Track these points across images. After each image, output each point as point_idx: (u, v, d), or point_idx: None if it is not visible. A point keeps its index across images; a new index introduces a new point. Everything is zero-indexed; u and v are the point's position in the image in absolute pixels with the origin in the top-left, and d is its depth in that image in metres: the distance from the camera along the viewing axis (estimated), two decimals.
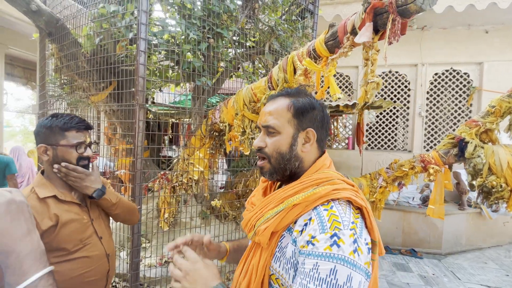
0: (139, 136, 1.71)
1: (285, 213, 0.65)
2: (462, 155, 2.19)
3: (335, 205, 0.63)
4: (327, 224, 0.59)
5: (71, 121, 1.03)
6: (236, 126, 1.70)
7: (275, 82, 1.50)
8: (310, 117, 0.71)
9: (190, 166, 2.10)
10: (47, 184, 1.02)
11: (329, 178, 0.67)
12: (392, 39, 0.74)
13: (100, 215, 1.14)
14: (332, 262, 0.56)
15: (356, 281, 0.56)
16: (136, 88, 1.69)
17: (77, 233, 1.02)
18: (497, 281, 3.35)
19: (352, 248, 0.57)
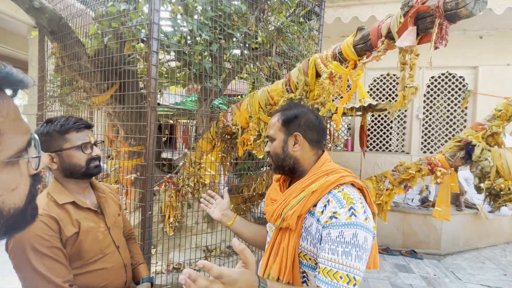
0: (151, 140, 1.65)
1: (307, 199, 0.83)
2: (469, 158, 2.22)
3: (345, 187, 0.81)
4: (344, 201, 0.78)
5: (68, 122, 0.97)
6: (251, 129, 1.66)
7: (294, 85, 1.48)
8: (295, 124, 0.91)
9: (201, 170, 2.05)
10: (63, 190, 0.97)
11: (335, 168, 0.87)
12: (439, 43, 0.73)
13: (115, 223, 1.09)
14: (353, 228, 0.74)
15: (369, 241, 0.76)
16: (147, 89, 1.63)
17: (97, 242, 0.98)
18: (496, 280, 3.42)
19: (364, 216, 0.76)
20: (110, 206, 1.10)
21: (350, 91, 1.15)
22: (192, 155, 2.16)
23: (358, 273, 0.72)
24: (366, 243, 0.74)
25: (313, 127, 0.92)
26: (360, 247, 0.73)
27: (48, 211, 0.89)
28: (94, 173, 1.02)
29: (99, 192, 1.09)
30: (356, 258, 0.72)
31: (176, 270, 2.12)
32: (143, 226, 1.66)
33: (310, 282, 0.83)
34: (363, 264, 0.73)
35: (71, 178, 0.99)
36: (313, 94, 1.36)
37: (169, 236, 2.35)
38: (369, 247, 0.75)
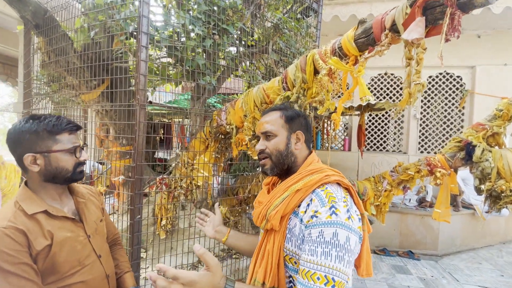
0: (139, 139, 1.56)
1: (290, 198, 0.81)
2: (470, 158, 2.17)
3: (329, 186, 0.79)
4: (325, 200, 0.75)
5: (60, 122, 0.88)
6: (246, 128, 1.58)
7: (291, 82, 1.40)
8: (297, 123, 0.92)
9: (193, 171, 1.97)
10: (34, 197, 0.87)
11: (320, 168, 0.86)
12: (451, 35, 0.66)
13: (96, 230, 0.99)
14: (333, 227, 0.71)
15: (352, 241, 0.72)
16: (136, 86, 1.54)
17: (74, 253, 0.88)
18: (493, 281, 3.40)
19: (346, 215, 0.73)
20: (91, 212, 1.00)
21: (351, 88, 1.07)
22: (185, 156, 2.08)
23: (338, 274, 0.68)
24: (349, 243, 0.70)
25: (309, 128, 0.95)
26: (341, 247, 0.69)
27: (14, 223, 0.79)
28: (78, 179, 0.94)
29: (78, 196, 0.99)
30: (336, 258, 0.69)
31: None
32: (132, 230, 1.58)
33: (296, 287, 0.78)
34: (345, 265, 0.69)
35: (50, 183, 0.90)
36: (311, 92, 1.29)
37: (161, 240, 2.26)
38: (353, 248, 0.71)
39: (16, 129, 0.86)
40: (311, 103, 1.30)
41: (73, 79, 2.29)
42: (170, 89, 3.14)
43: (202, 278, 0.66)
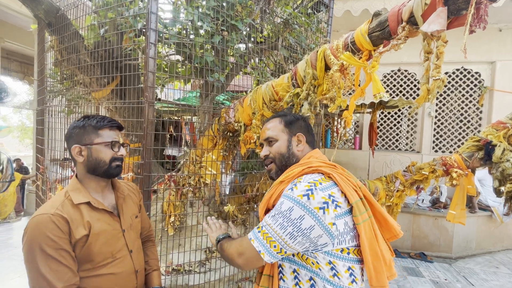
0: (148, 137, 1.56)
1: (274, 190, 0.88)
2: (489, 159, 2.06)
3: (306, 175, 0.84)
4: (294, 182, 0.83)
5: (103, 119, 0.99)
6: (255, 126, 1.56)
7: (300, 79, 1.36)
8: (297, 125, 0.98)
9: (202, 169, 1.96)
10: (81, 188, 0.95)
11: (308, 162, 0.89)
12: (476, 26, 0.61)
13: (131, 226, 1.03)
14: (283, 198, 0.80)
15: (297, 214, 0.76)
16: (145, 84, 1.54)
17: (108, 245, 0.94)
18: (511, 287, 3.26)
19: (303, 193, 0.77)
20: (128, 207, 1.05)
21: (364, 85, 1.03)
22: (193, 153, 2.07)
23: (266, 227, 0.80)
24: (289, 213, 0.76)
25: (310, 130, 1.00)
26: (280, 213, 0.78)
27: (61, 211, 0.87)
28: (115, 174, 1.00)
29: (119, 192, 1.05)
30: (272, 217, 0.79)
31: (176, 272, 2.06)
32: None
33: (286, 277, 0.85)
34: (277, 225, 0.77)
35: (93, 175, 0.97)
36: (322, 88, 1.24)
37: (170, 236, 2.28)
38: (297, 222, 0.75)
39: (70, 126, 0.99)
40: (322, 100, 1.26)
41: (84, 77, 2.32)
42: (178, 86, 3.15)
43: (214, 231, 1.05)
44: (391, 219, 0.85)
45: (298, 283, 0.82)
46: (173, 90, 3.65)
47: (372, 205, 0.84)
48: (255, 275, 0.99)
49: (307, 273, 0.81)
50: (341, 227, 0.77)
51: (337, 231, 0.76)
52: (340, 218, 0.77)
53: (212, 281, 2.00)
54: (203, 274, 2.03)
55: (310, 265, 0.80)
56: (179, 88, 3.15)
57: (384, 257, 0.78)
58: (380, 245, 0.78)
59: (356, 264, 0.80)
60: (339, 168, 0.88)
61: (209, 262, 2.21)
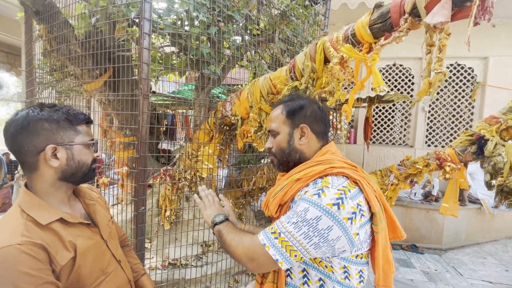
0: (143, 130, 1.53)
1: (289, 186, 0.81)
2: (481, 153, 2.10)
3: (331, 177, 0.76)
4: (319, 185, 0.75)
5: (76, 112, 0.80)
6: (252, 120, 1.54)
7: (299, 72, 1.34)
8: (301, 115, 0.86)
9: (198, 163, 1.94)
10: (42, 203, 0.74)
11: (329, 159, 0.81)
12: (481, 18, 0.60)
13: (110, 234, 0.90)
14: (307, 204, 0.72)
15: (325, 224, 0.69)
16: (139, 75, 1.50)
17: (97, 262, 0.79)
18: (498, 276, 3.38)
19: (332, 201, 0.70)
20: (101, 214, 0.90)
21: (364, 78, 1.02)
22: (189, 147, 2.05)
23: (286, 234, 0.72)
24: (316, 222, 0.69)
25: (319, 118, 0.88)
26: (304, 220, 0.70)
27: (30, 237, 0.67)
28: (92, 177, 0.86)
29: (86, 198, 0.89)
30: (294, 224, 0.71)
31: (173, 266, 2.05)
32: (136, 222, 1.57)
33: (293, 275, 0.82)
34: (300, 233, 0.70)
35: (65, 182, 0.79)
36: (321, 82, 1.23)
37: (166, 231, 2.27)
38: (324, 232, 0.69)
39: (29, 117, 0.72)
40: (321, 94, 1.25)
41: (75, 68, 2.25)
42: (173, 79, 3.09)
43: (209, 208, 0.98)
44: (397, 221, 0.83)
45: (307, 282, 0.79)
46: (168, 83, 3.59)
47: (385, 209, 0.81)
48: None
49: (317, 274, 0.78)
50: (362, 236, 0.74)
51: (359, 240, 0.73)
52: (362, 228, 0.74)
53: (209, 275, 2.01)
54: (199, 267, 2.04)
55: (322, 268, 0.77)
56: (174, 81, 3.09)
57: (391, 259, 0.79)
58: (390, 248, 0.79)
59: (365, 266, 0.80)
60: (359, 170, 0.81)
61: (205, 256, 2.21)
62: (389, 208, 0.81)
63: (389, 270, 0.78)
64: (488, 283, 3.23)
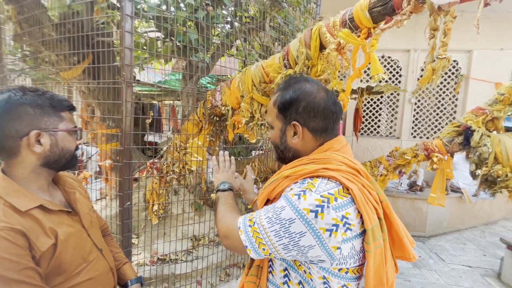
0: (127, 121, 1.43)
1: (277, 182, 0.76)
2: (468, 143, 2.14)
3: (321, 180, 0.68)
4: (304, 185, 0.67)
5: (61, 99, 0.79)
6: (244, 110, 1.47)
7: (293, 59, 1.28)
8: (293, 110, 0.75)
9: (186, 155, 1.86)
10: (20, 190, 0.73)
11: (326, 158, 0.72)
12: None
13: (92, 222, 0.89)
14: (286, 203, 0.66)
15: (297, 229, 0.63)
16: (121, 61, 1.39)
17: (79, 250, 0.79)
18: (477, 261, 3.56)
19: (311, 208, 0.63)
20: (81, 203, 0.89)
21: (362, 65, 0.98)
22: (177, 139, 1.96)
23: (258, 226, 0.68)
24: (289, 225, 0.64)
25: (317, 113, 0.74)
26: (278, 218, 0.66)
27: (9, 223, 0.66)
28: (75, 165, 0.84)
29: (66, 186, 0.87)
30: (268, 219, 0.67)
31: (162, 262, 1.99)
32: (122, 218, 1.49)
33: (275, 272, 0.78)
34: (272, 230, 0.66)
35: (46, 169, 0.78)
36: (316, 69, 1.18)
37: (153, 226, 2.19)
38: (296, 238, 0.64)
39: (12, 101, 0.70)
40: None
41: (50, 54, 2.08)
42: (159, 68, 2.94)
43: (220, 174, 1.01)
44: (407, 241, 0.72)
45: (287, 282, 0.75)
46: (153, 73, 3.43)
47: (391, 223, 0.71)
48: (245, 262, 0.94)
49: (297, 277, 0.73)
50: (346, 251, 0.65)
51: (340, 254, 0.65)
52: (347, 242, 0.65)
53: (199, 269, 1.97)
54: (189, 262, 1.99)
55: (302, 272, 0.72)
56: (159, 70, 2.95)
57: (388, 280, 0.69)
58: (388, 268, 0.69)
59: (353, 281, 0.71)
60: (362, 175, 0.71)
61: (195, 250, 2.16)
62: (396, 223, 0.71)
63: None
64: (468, 267, 3.40)
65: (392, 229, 0.72)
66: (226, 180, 0.98)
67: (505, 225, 4.92)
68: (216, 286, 1.92)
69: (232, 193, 0.93)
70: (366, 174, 0.72)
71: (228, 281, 1.99)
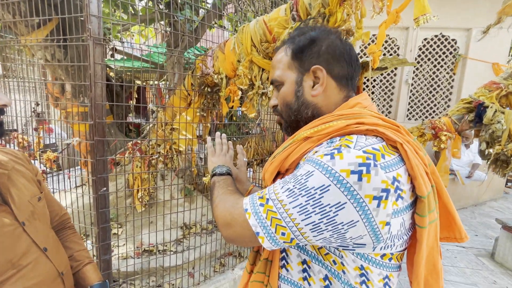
0: (97, 88, 1.15)
1: (293, 147, 0.58)
2: (480, 121, 2.00)
3: (357, 136, 0.51)
4: (335, 143, 0.51)
5: None
6: (242, 76, 1.22)
7: (304, 9, 1.03)
8: (312, 53, 0.60)
9: (174, 133, 1.61)
10: None
11: (357, 113, 0.56)
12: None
13: (34, 214, 0.67)
14: (312, 166, 0.49)
15: (331, 198, 0.46)
16: (86, 10, 1.09)
17: (2, 252, 0.60)
18: (469, 241, 3.58)
19: (352, 167, 0.46)
20: (21, 188, 0.68)
21: (402, 5, 0.75)
22: (162, 115, 1.69)
23: (275, 201, 0.51)
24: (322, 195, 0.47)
25: (341, 55, 0.60)
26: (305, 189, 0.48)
27: None
28: None
29: None
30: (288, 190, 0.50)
31: (148, 254, 1.78)
32: (97, 206, 1.24)
33: (290, 266, 0.60)
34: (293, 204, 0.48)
35: None
36: (334, 19, 0.94)
37: (138, 214, 1.96)
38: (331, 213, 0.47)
39: None
40: None
41: (4, 13, 1.72)
42: (140, 40, 2.60)
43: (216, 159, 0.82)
44: (458, 216, 0.57)
45: (307, 279, 0.58)
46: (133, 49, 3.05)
47: (439, 195, 0.55)
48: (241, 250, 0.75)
49: (322, 270, 0.56)
50: (396, 228, 0.49)
51: (388, 233, 0.49)
52: (397, 216, 0.49)
53: (191, 261, 1.78)
54: (180, 253, 1.79)
55: (329, 263, 0.55)
56: (140, 44, 2.61)
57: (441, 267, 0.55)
58: (440, 253, 0.56)
59: (395, 272, 0.56)
60: (404, 133, 0.55)
61: (186, 240, 1.97)
62: (445, 193, 0.55)
63: (436, 284, 0.54)
64: (461, 248, 3.41)
65: (442, 202, 0.55)
66: (224, 164, 0.80)
67: (493, 205, 5.02)
68: (211, 278, 1.74)
69: (231, 178, 0.74)
70: (406, 131, 0.56)
71: (224, 272, 1.81)
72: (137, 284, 1.61)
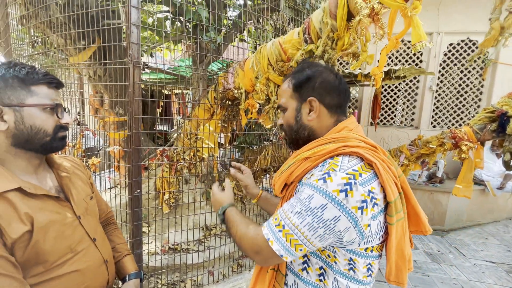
0: (135, 104, 1.34)
1: (296, 166, 0.74)
2: (502, 131, 1.96)
3: (342, 157, 0.67)
4: (326, 167, 0.66)
5: (36, 71, 0.70)
6: (259, 92, 1.36)
7: (315, 32, 1.14)
8: (308, 87, 0.76)
9: (198, 142, 1.77)
10: (1, 170, 0.68)
11: (344, 137, 0.71)
12: None
13: (87, 210, 0.82)
14: (312, 190, 0.64)
15: (330, 214, 0.62)
16: (128, 39, 1.29)
17: (63, 239, 0.73)
18: (500, 256, 3.37)
19: (340, 188, 0.62)
20: (78, 188, 0.83)
21: (401, 32, 0.84)
22: (188, 125, 1.87)
23: (290, 226, 0.65)
24: (321, 211, 0.62)
25: (332, 89, 0.77)
26: (308, 209, 0.63)
27: None
28: (59, 147, 0.76)
29: (60, 170, 0.81)
30: (297, 213, 0.64)
31: (173, 251, 1.95)
32: (132, 206, 1.43)
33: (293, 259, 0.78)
34: (304, 224, 0.63)
35: (23, 150, 0.71)
36: (342, 42, 1.04)
37: (164, 215, 2.15)
38: (329, 222, 0.62)
39: None
40: (342, 57, 1.06)
41: (58, 38, 2.01)
42: (168, 56, 2.85)
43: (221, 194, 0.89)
44: (423, 215, 0.74)
45: (307, 269, 0.74)
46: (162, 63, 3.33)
47: (408, 199, 0.72)
48: None
49: (318, 262, 0.73)
50: (375, 228, 0.66)
51: (370, 232, 0.66)
52: (375, 219, 0.65)
53: (211, 260, 1.91)
54: (201, 252, 1.94)
55: (325, 257, 0.71)
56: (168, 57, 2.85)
57: (408, 254, 0.72)
58: (406, 242, 0.72)
59: (376, 259, 0.73)
60: (380, 151, 0.71)
61: (207, 240, 2.11)
62: (412, 197, 0.72)
63: (403, 266, 0.72)
64: (491, 263, 3.22)
65: (409, 204, 0.73)
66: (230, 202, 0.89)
67: None
68: (229, 277, 1.87)
69: (235, 207, 0.87)
70: (382, 150, 0.73)
71: (241, 272, 1.93)
72: (163, 278, 1.77)
